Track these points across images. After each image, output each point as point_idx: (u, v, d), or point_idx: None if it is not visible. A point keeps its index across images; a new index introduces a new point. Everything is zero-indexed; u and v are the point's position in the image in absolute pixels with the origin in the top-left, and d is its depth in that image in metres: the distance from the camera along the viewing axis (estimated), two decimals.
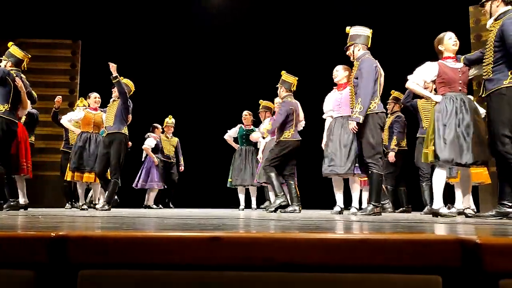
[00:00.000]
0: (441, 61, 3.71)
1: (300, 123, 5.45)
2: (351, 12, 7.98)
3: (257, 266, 1.10)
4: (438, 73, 3.65)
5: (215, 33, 8.89)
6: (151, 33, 8.73)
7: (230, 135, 7.22)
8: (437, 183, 3.59)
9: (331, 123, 4.73)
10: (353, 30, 4.24)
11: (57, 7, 8.03)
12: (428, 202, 5.37)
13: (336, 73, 4.81)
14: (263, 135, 5.63)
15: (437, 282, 1.03)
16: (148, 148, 7.97)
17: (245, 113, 7.12)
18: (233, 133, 7.20)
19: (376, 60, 4.11)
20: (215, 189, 8.24)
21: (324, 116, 4.90)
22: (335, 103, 4.73)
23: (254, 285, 1.09)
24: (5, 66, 4.75)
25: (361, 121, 3.89)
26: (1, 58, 4.90)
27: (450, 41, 3.70)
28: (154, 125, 8.29)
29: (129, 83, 5.90)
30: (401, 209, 6.14)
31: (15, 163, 4.88)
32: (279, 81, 5.32)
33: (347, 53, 4.30)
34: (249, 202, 7.20)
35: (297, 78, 5.34)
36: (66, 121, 6.30)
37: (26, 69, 5.05)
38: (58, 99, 6.77)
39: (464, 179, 3.78)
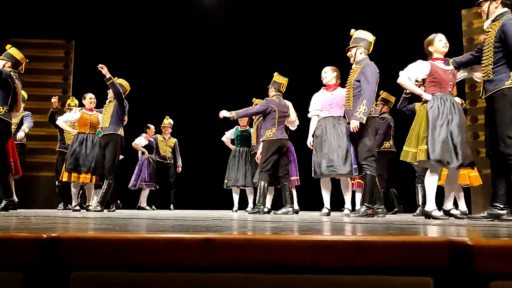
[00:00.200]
0: (432, 61, 3.73)
1: (292, 123, 5.46)
2: (343, 13, 8.04)
3: (250, 268, 1.10)
4: (430, 72, 3.65)
5: (212, 33, 8.89)
6: (146, 33, 8.72)
7: (228, 137, 7.24)
8: (429, 185, 3.60)
9: (320, 122, 4.73)
10: (357, 33, 4.32)
11: (50, 7, 8.00)
12: (421, 203, 5.39)
13: (324, 74, 4.83)
14: (231, 115, 5.49)
15: (428, 283, 1.04)
16: (137, 144, 7.94)
17: None
18: (230, 134, 7.23)
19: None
20: (212, 191, 8.24)
21: (310, 114, 4.93)
22: (325, 103, 4.74)
23: (247, 287, 1.09)
24: (3, 66, 4.74)
25: (364, 121, 3.96)
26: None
27: (440, 43, 3.72)
28: (147, 125, 8.29)
29: (124, 82, 5.88)
30: (393, 210, 6.15)
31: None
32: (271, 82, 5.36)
33: (348, 54, 4.35)
34: (245, 203, 7.20)
35: (287, 79, 5.38)
36: (62, 122, 6.26)
37: (23, 71, 5.03)
38: (54, 100, 6.76)
39: (450, 180, 3.73)
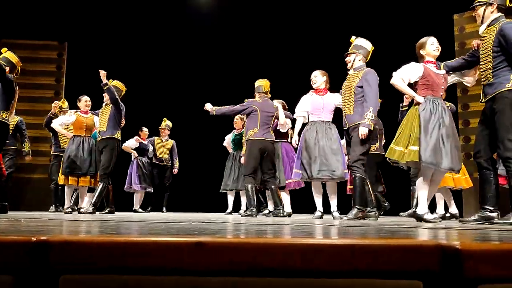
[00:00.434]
0: (424, 64, 3.75)
1: (282, 126, 5.46)
2: (334, 17, 8.09)
3: (242, 271, 1.10)
4: (423, 74, 3.67)
5: (209, 34, 8.88)
6: (140, 34, 8.69)
7: (228, 142, 7.27)
8: (420, 189, 3.62)
9: (310, 126, 4.75)
10: (357, 41, 4.40)
11: (43, 8, 7.95)
12: (415, 205, 5.42)
13: (315, 78, 4.85)
14: (211, 110, 5.37)
15: (418, 287, 1.05)
16: (127, 146, 7.92)
17: (236, 117, 7.14)
18: (229, 139, 7.25)
19: None
20: (209, 193, 8.22)
21: (296, 115, 4.95)
22: (316, 107, 4.77)
23: None
24: None
25: (372, 128, 4.05)
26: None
27: (432, 46, 3.74)
28: (141, 127, 8.26)
29: (119, 84, 5.88)
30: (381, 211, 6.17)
31: None
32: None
33: (346, 59, 4.42)
34: (239, 206, 7.20)
35: (266, 80, 5.49)
36: (57, 125, 6.20)
37: (19, 75, 5.02)
38: (55, 105, 6.74)
39: (433, 182, 3.69)
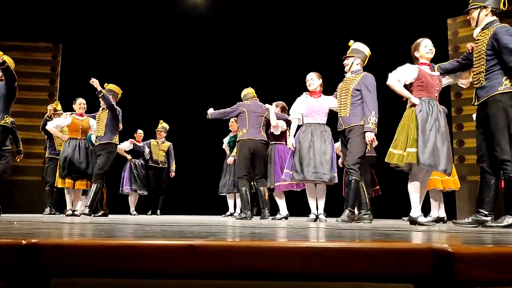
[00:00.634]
0: (419, 66, 3.77)
1: (274, 128, 5.48)
2: (328, 20, 8.12)
3: (235, 275, 1.10)
4: (418, 76, 3.69)
5: (205, 36, 8.89)
6: (135, 36, 8.68)
7: (226, 145, 7.30)
8: (413, 191, 3.63)
9: (305, 128, 4.78)
10: (356, 45, 4.48)
11: (37, 9, 7.92)
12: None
13: (311, 81, 4.88)
14: (208, 113, 5.66)
15: None
16: (120, 148, 7.89)
17: (231, 120, 7.15)
18: (226, 141, 7.29)
19: None
20: (207, 196, 8.22)
21: (291, 117, 4.99)
22: (311, 109, 4.80)
23: None
24: (1, 76, 4.83)
25: (376, 132, 4.15)
26: None
27: (425, 49, 3.76)
28: (136, 130, 8.24)
29: (115, 88, 5.88)
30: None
31: None
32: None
33: (344, 63, 4.49)
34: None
35: (250, 87, 5.69)
36: (52, 127, 6.15)
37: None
38: (50, 108, 6.74)
39: (423, 184, 3.70)
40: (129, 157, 7.97)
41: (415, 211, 3.59)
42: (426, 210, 4.79)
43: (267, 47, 8.67)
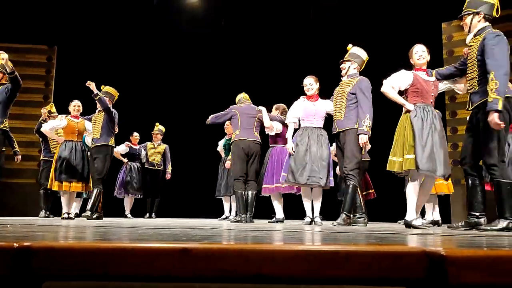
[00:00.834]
0: (414, 71, 3.80)
1: (268, 129, 5.50)
2: (324, 24, 8.15)
3: (229, 278, 1.10)
4: (412, 82, 3.71)
5: (202, 39, 8.88)
6: (131, 38, 8.64)
7: (221, 147, 7.33)
8: (410, 195, 3.65)
9: (302, 131, 4.80)
10: (353, 49, 4.51)
11: (32, 11, 7.90)
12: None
13: (310, 86, 4.89)
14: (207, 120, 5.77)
15: None
16: (116, 151, 7.87)
17: (226, 123, 7.14)
18: (221, 144, 7.31)
19: None
20: (202, 198, 8.19)
21: (288, 121, 5.00)
22: (308, 113, 4.81)
23: None
24: (0, 79, 4.87)
25: (369, 135, 4.17)
26: None
27: (416, 55, 3.80)
28: (132, 132, 8.22)
29: (111, 90, 5.87)
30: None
31: None
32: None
33: (341, 66, 4.52)
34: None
35: (243, 92, 5.77)
36: (47, 129, 6.09)
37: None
38: (44, 111, 6.71)
39: (426, 189, 3.75)
40: (125, 160, 7.96)
41: (411, 214, 3.61)
42: (420, 213, 4.80)
43: (264, 51, 8.69)
